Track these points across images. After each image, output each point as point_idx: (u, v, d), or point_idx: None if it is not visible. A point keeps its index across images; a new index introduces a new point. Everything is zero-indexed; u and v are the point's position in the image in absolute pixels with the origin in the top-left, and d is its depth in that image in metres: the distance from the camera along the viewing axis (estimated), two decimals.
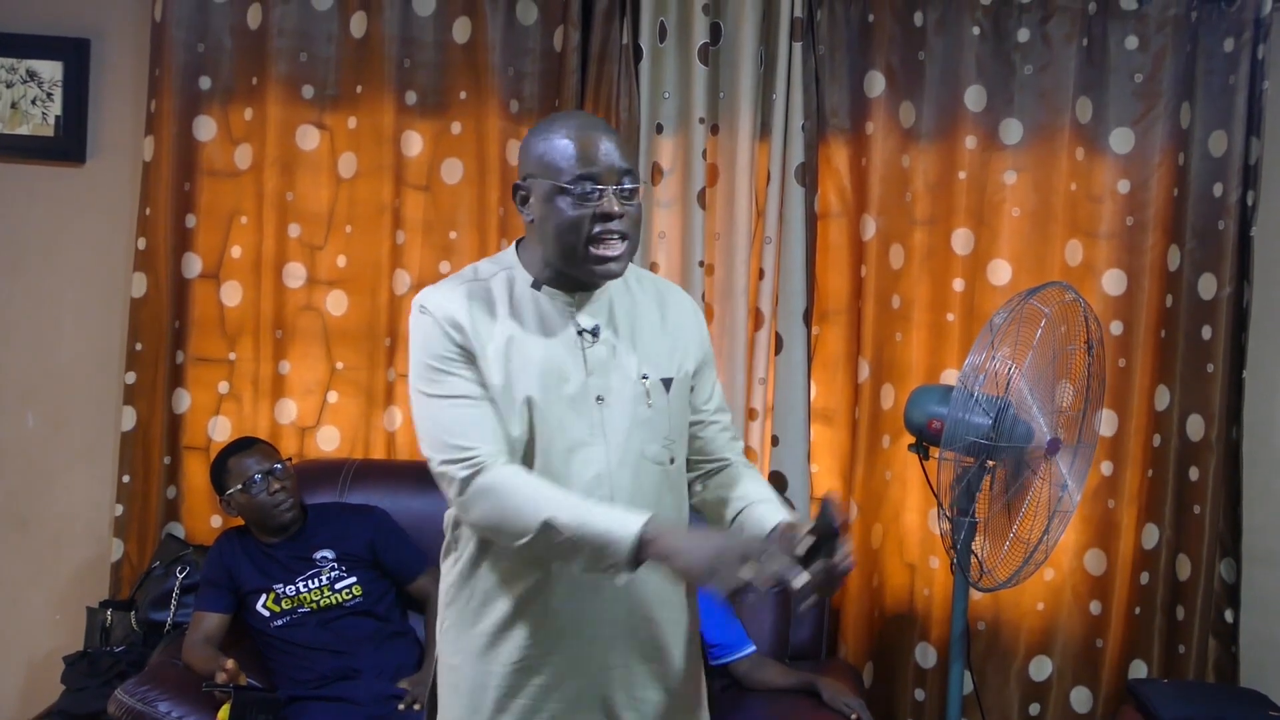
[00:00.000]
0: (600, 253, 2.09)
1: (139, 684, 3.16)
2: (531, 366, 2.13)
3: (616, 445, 2.15)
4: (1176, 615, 3.77)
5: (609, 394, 2.16)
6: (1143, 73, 3.75)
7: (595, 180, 2.08)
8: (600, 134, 2.11)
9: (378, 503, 3.60)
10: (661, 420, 2.20)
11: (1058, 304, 3.17)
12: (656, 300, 2.28)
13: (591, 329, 2.18)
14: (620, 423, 2.15)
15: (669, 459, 2.22)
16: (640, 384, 2.18)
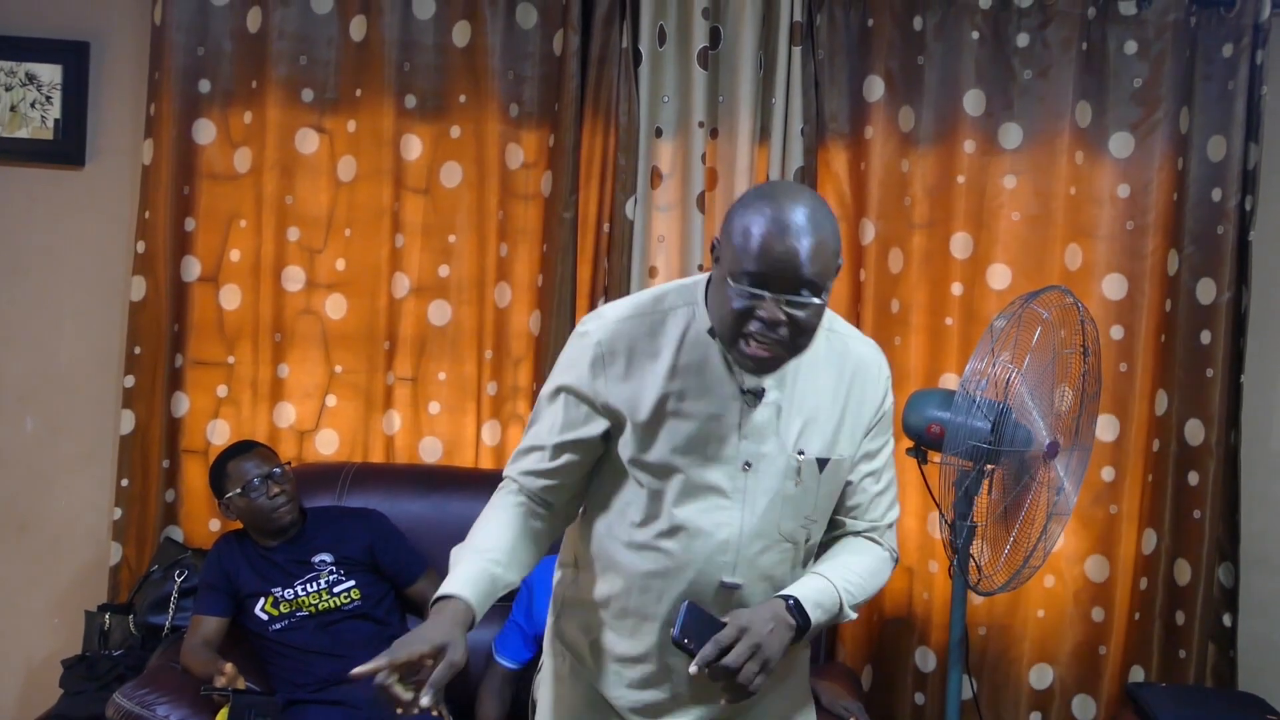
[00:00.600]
0: (749, 351, 1.96)
1: (137, 687, 3.18)
2: (685, 423, 2.08)
3: (753, 515, 2.10)
4: (1176, 620, 3.79)
5: (759, 461, 2.09)
6: (1142, 78, 3.77)
7: (763, 285, 1.92)
8: (786, 235, 1.91)
9: (376, 506, 3.62)
10: (807, 500, 2.13)
11: (1057, 308, 3.19)
12: (842, 368, 2.15)
13: (757, 390, 2.08)
14: (763, 493, 2.10)
15: (804, 538, 2.16)
16: (794, 459, 2.10)
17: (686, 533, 2.09)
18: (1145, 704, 3.45)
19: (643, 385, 2.08)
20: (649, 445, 2.09)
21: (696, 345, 2.08)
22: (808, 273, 1.92)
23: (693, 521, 2.09)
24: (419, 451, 3.94)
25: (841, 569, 2.14)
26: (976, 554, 3.23)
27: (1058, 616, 3.89)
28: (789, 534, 2.13)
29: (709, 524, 2.09)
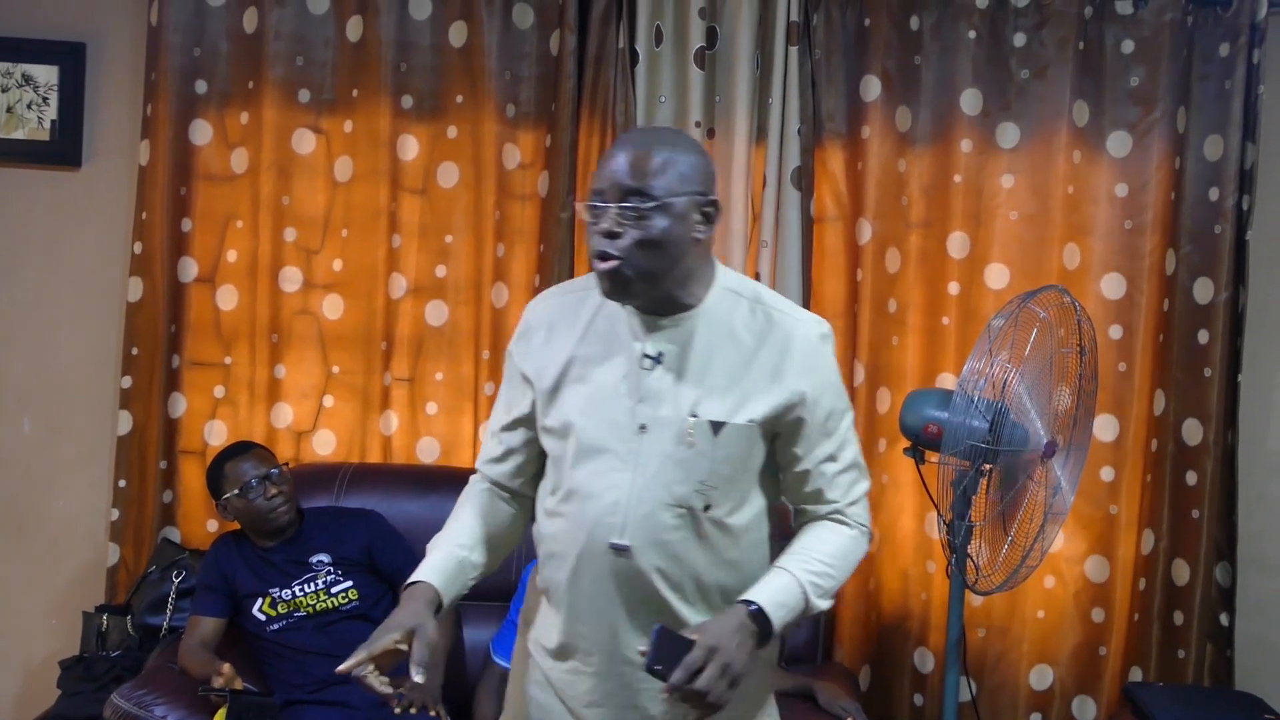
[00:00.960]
0: (599, 268, 2.06)
1: (135, 688, 3.19)
2: (584, 387, 2.14)
3: (643, 477, 2.10)
4: (1174, 620, 3.80)
5: (654, 424, 2.10)
6: (1139, 77, 3.79)
7: (600, 196, 2.05)
8: (626, 145, 2.06)
9: (374, 507, 3.63)
10: (700, 464, 2.11)
11: (1054, 307, 3.21)
12: (763, 338, 2.14)
13: (655, 354, 2.12)
14: (655, 456, 2.10)
15: (703, 505, 2.12)
16: (687, 420, 2.10)
17: (579, 495, 2.13)
18: (1143, 704, 3.46)
19: (554, 353, 2.18)
20: (551, 409, 2.17)
21: (608, 315, 2.16)
22: (636, 180, 2.02)
23: (585, 484, 2.13)
24: (416, 452, 3.96)
25: (805, 559, 2.12)
26: (974, 554, 3.25)
27: (1057, 617, 3.89)
28: (681, 499, 2.11)
29: (600, 486, 2.11)
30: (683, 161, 2.07)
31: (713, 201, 2.10)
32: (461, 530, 2.25)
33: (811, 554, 2.13)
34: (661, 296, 2.11)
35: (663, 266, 2.07)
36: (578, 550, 2.14)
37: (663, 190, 2.04)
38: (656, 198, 2.03)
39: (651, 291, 2.09)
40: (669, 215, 2.05)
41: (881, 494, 3.91)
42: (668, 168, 2.04)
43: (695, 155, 2.10)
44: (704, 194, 2.09)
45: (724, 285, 2.16)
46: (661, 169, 2.04)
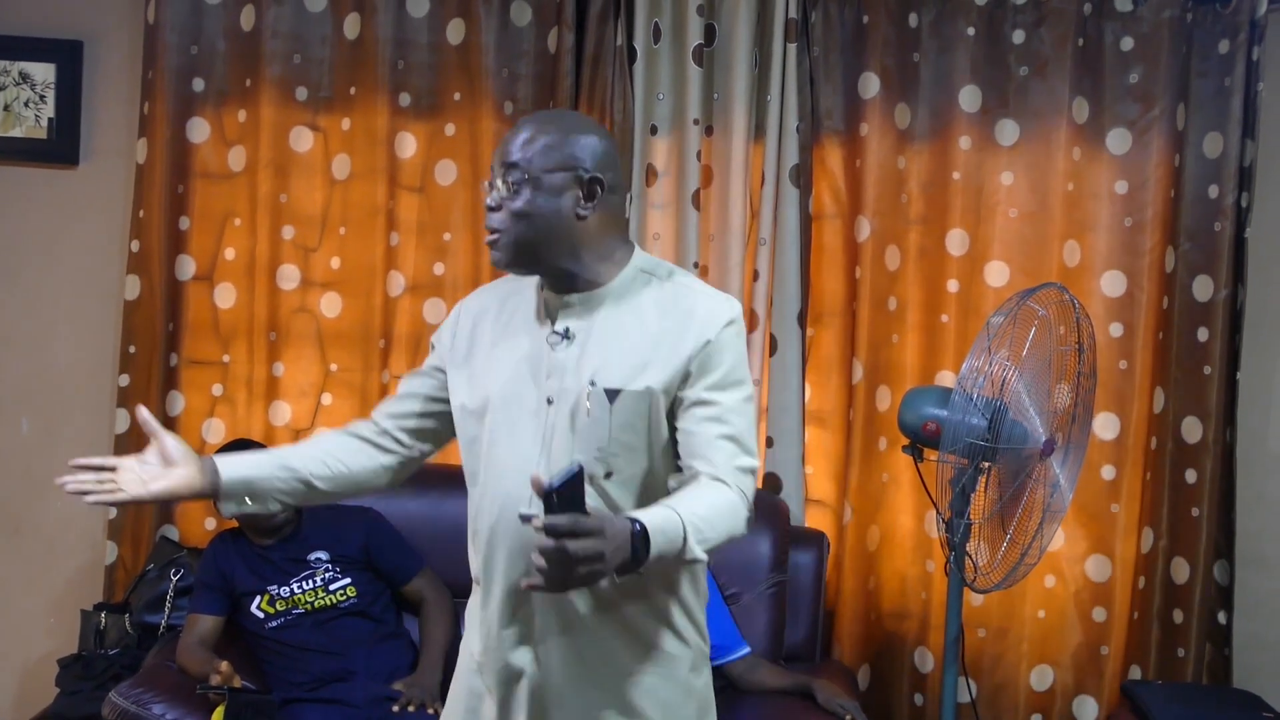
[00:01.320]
0: (487, 238, 2.17)
1: (133, 686, 3.21)
2: (501, 366, 2.20)
3: (550, 448, 2.15)
4: (1174, 619, 3.80)
5: (559, 397, 2.16)
6: (1138, 74, 3.79)
7: (492, 174, 2.16)
8: (514, 129, 2.16)
9: (372, 504, 3.63)
10: (598, 432, 2.14)
11: (1053, 305, 3.22)
12: (667, 312, 2.18)
13: (563, 331, 2.18)
14: (562, 426, 2.15)
15: (603, 473, 2.14)
16: (585, 389, 2.15)
17: (494, 470, 2.18)
18: (1141, 702, 3.48)
19: (473, 337, 2.26)
20: (464, 389, 2.24)
21: (526, 300, 2.24)
22: (513, 154, 2.12)
23: (499, 460, 2.18)
24: None
25: (689, 503, 2.04)
26: (973, 552, 3.26)
27: (1058, 617, 3.90)
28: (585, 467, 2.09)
29: (513, 460, 2.16)
30: (565, 139, 2.13)
31: (595, 179, 2.14)
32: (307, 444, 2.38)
33: (696, 502, 2.05)
34: (560, 273, 2.17)
35: (537, 238, 2.14)
36: (490, 524, 2.19)
37: (536, 165, 2.11)
38: (526, 171, 2.11)
39: (535, 265, 2.17)
40: (539, 189, 2.12)
41: (882, 492, 3.92)
42: (545, 144, 2.12)
43: (584, 135, 2.16)
44: (586, 170, 2.14)
45: (638, 266, 2.21)
46: (538, 145, 2.12)
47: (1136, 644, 3.85)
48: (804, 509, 3.89)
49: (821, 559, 3.75)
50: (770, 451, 3.86)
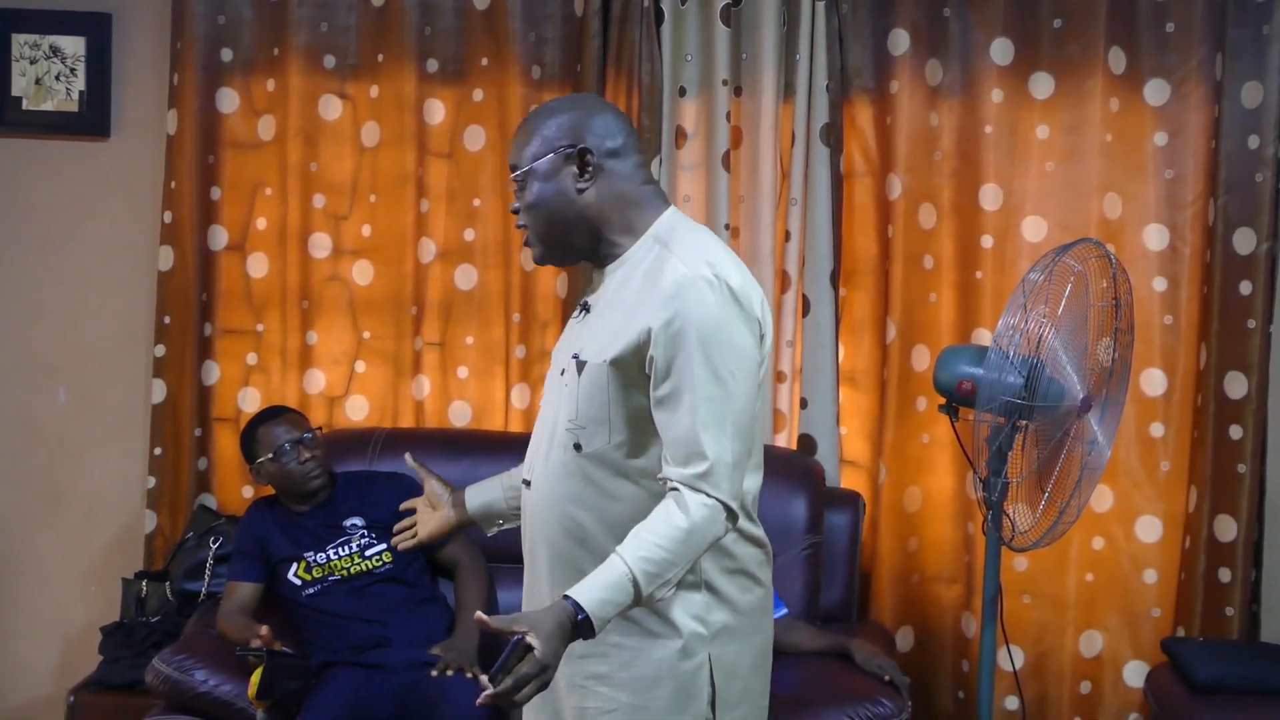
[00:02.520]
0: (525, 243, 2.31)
1: (175, 653, 3.30)
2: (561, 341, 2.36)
3: (546, 416, 2.30)
4: (1220, 578, 3.79)
5: (567, 367, 2.25)
6: (1174, 24, 3.79)
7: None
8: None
9: (407, 471, 3.67)
10: (568, 402, 2.20)
11: (1090, 260, 3.23)
12: (647, 279, 2.17)
13: (584, 304, 2.28)
14: (552, 396, 2.29)
15: (574, 444, 2.18)
16: (570, 361, 2.23)
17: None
18: (1181, 658, 3.52)
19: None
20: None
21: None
22: (511, 160, 2.26)
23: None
24: (448, 416, 4.05)
25: (640, 544, 2.05)
26: (1011, 511, 3.29)
27: (1107, 580, 3.90)
28: (559, 439, 2.22)
29: (537, 427, 2.33)
30: (545, 125, 2.23)
31: (580, 150, 2.19)
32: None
33: (650, 537, 2.06)
34: (591, 252, 2.26)
35: (552, 226, 2.24)
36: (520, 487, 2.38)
37: (526, 158, 2.22)
38: (523, 167, 2.23)
39: (569, 251, 2.27)
40: (538, 179, 2.22)
41: (924, 452, 3.95)
42: (531, 136, 2.23)
43: (560, 114, 2.24)
44: (570, 145, 2.20)
45: (653, 234, 2.21)
46: (526, 140, 2.23)
47: (1186, 605, 3.85)
48: (839, 470, 3.94)
49: (857, 520, 3.79)
50: (804, 413, 3.91)
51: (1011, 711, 3.87)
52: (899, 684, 3.32)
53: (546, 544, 2.26)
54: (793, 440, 3.92)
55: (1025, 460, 3.27)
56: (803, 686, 3.26)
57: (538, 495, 2.27)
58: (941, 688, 3.97)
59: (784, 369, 3.90)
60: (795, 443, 3.91)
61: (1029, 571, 3.89)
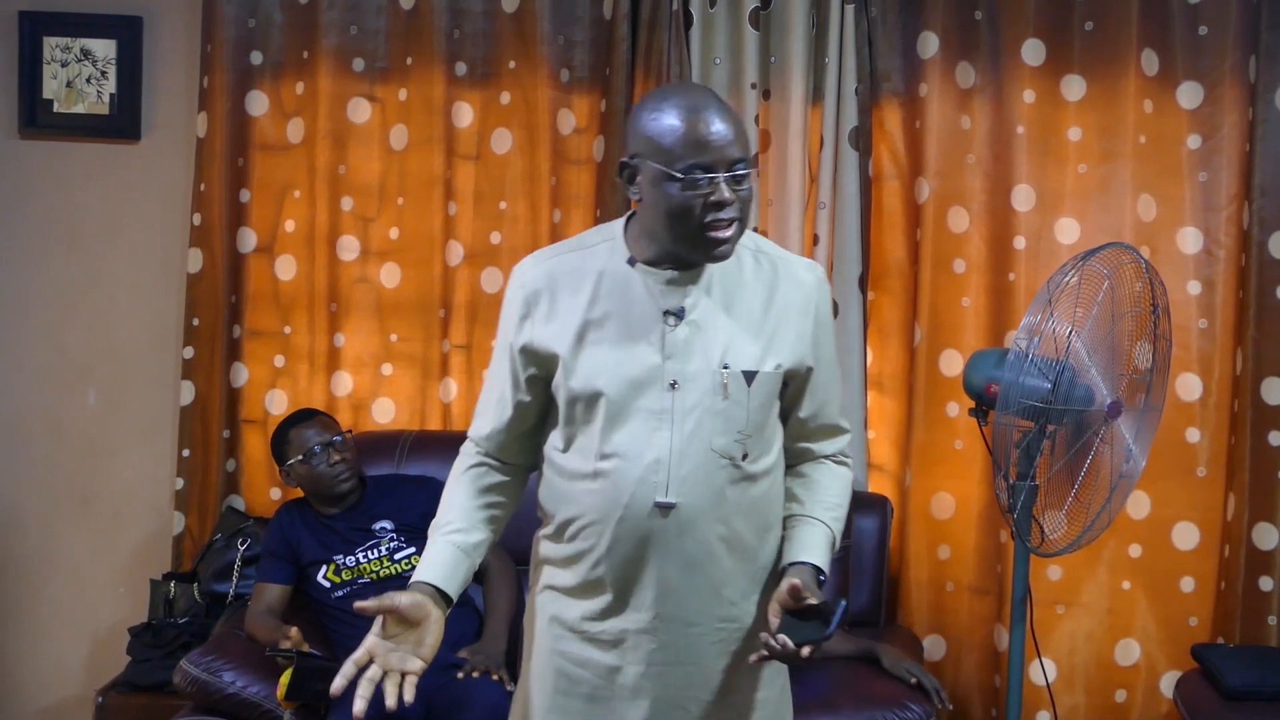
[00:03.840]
0: (713, 235, 2.16)
1: (204, 654, 3.36)
2: (606, 349, 2.23)
3: (683, 433, 2.21)
4: (1261, 586, 3.80)
5: (684, 380, 2.22)
6: (1207, 26, 3.83)
7: (706, 169, 2.14)
8: (712, 114, 2.15)
9: (435, 474, 3.70)
10: (738, 414, 2.23)
11: (1123, 264, 3.27)
12: (773, 286, 2.29)
13: (677, 310, 2.23)
14: (691, 410, 2.21)
15: (742, 454, 2.25)
16: (720, 373, 2.22)
17: (618, 458, 2.23)
18: (1211, 664, 3.54)
19: (566, 319, 2.27)
20: (575, 374, 2.25)
21: (616, 275, 2.27)
22: (740, 145, 2.17)
23: (623, 445, 2.23)
24: None
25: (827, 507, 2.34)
26: (1039, 515, 3.32)
27: (1144, 589, 3.92)
28: (723, 450, 2.24)
29: (639, 446, 2.22)
30: (739, 117, 2.29)
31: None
32: (455, 513, 2.37)
33: (830, 499, 2.35)
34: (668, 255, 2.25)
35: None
36: (619, 513, 2.23)
37: (749, 149, 2.26)
38: (752, 161, 2.28)
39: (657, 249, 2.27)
40: (754, 177, 2.28)
41: (954, 460, 3.96)
42: (743, 126, 2.23)
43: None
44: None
45: None
46: (743, 127, 2.22)
47: (1225, 614, 3.86)
48: (866, 474, 3.99)
49: (885, 524, 3.84)
50: None
51: None
52: (929, 687, 3.36)
53: (683, 564, 2.25)
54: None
55: (1053, 465, 3.30)
56: (830, 691, 3.31)
57: (688, 515, 2.23)
58: (972, 702, 3.99)
59: None
60: None
61: (1063, 581, 3.91)
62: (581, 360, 2.24)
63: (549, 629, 2.37)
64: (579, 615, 2.33)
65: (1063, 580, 3.91)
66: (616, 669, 2.31)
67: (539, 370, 2.30)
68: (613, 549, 2.25)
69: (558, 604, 2.36)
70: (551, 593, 2.37)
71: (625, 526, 2.24)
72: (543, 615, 2.39)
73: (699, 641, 2.29)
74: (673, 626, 2.28)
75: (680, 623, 2.28)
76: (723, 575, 2.28)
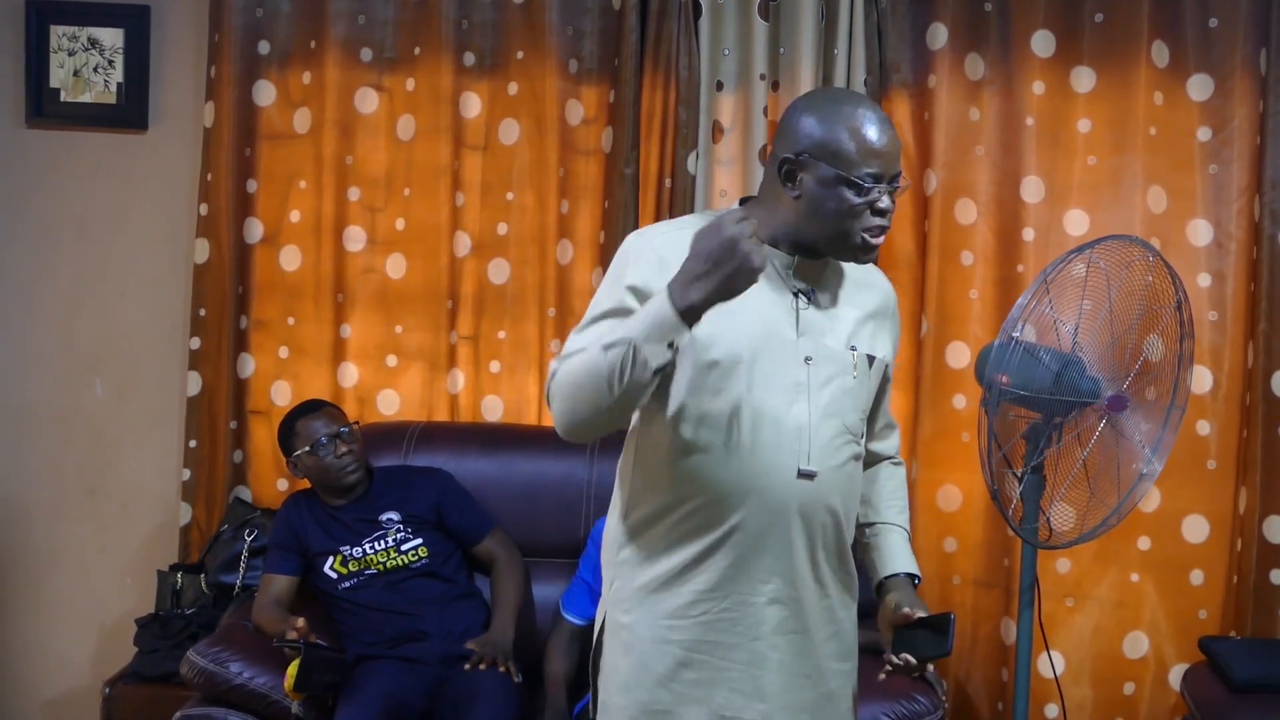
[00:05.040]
0: (870, 240, 2.28)
1: (210, 645, 3.39)
2: (742, 320, 2.26)
3: (819, 404, 2.30)
4: (1272, 579, 3.82)
5: (818, 356, 2.31)
6: (1218, 18, 3.86)
7: (879, 179, 2.25)
8: (887, 126, 2.28)
9: (442, 465, 3.79)
10: (863, 394, 2.39)
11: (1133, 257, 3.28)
12: (863, 281, 2.44)
13: (807, 291, 2.33)
14: (826, 385, 2.31)
15: (861, 433, 2.40)
16: (849, 354, 2.34)
17: (763, 423, 2.27)
18: (1218, 657, 3.56)
19: None
20: (714, 341, 2.25)
21: None
22: (900, 162, 2.32)
23: (767, 412, 2.27)
24: (482, 410, 4.14)
25: (901, 511, 2.54)
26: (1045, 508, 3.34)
27: (1153, 582, 3.95)
28: (852, 427, 2.36)
29: (780, 414, 2.28)
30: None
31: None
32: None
33: (900, 503, 2.56)
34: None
35: None
36: (761, 480, 2.27)
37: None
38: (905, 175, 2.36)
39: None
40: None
41: (961, 453, 3.96)
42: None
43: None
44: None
45: None
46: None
47: (1236, 607, 3.89)
48: None
49: None
50: None
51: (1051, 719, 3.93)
52: (932, 681, 3.39)
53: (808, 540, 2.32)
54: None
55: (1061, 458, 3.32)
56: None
57: (825, 485, 2.31)
58: (980, 695, 4.02)
59: None
60: None
61: (1073, 574, 3.94)
62: (719, 328, 2.24)
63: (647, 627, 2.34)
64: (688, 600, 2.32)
65: (1071, 573, 3.94)
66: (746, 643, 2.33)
67: None
68: (747, 520, 2.28)
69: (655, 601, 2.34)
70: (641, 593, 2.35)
71: (764, 496, 2.27)
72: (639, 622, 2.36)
73: (816, 609, 2.36)
74: (801, 594, 2.34)
75: (808, 589, 2.35)
76: (833, 545, 2.37)
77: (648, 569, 2.34)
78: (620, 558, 2.39)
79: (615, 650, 2.38)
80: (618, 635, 2.38)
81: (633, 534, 2.37)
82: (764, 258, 2.08)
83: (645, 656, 2.34)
